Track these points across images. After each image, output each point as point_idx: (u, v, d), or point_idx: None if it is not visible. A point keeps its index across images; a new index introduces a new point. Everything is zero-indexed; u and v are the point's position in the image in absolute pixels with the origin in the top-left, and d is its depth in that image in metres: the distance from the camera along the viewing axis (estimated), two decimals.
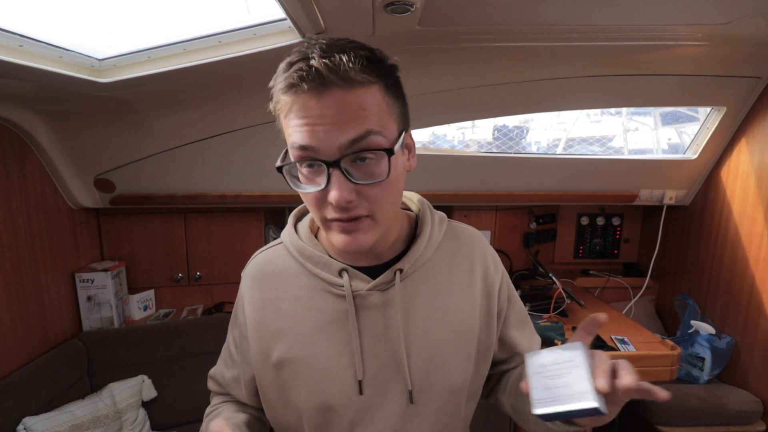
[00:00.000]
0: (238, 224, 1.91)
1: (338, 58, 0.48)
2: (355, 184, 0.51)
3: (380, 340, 0.62)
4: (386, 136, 0.52)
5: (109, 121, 1.43)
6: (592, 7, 1.07)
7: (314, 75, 0.47)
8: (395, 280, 0.62)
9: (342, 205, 0.51)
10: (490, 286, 0.68)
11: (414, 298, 0.63)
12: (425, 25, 1.12)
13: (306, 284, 0.64)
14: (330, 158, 0.50)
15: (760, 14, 1.12)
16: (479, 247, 0.70)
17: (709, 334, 1.71)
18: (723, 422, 1.58)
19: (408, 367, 0.61)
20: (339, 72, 0.48)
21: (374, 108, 0.50)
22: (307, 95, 0.49)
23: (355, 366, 0.61)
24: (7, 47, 0.94)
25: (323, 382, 0.61)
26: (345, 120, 0.49)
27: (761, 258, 1.64)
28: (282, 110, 0.53)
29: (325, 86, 0.48)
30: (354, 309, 0.61)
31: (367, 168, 0.51)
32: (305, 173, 0.54)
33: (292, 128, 0.52)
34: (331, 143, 0.49)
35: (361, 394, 0.61)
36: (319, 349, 0.62)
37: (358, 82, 0.49)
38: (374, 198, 0.53)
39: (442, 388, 0.64)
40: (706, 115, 1.80)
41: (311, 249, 0.65)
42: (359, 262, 0.64)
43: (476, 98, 1.55)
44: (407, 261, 0.63)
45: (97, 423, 1.36)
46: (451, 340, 0.64)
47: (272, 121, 0.57)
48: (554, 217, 2.30)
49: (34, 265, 1.41)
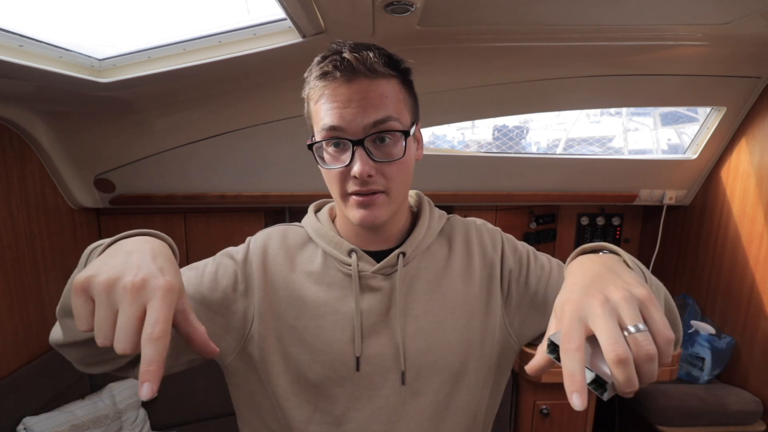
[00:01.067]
0: (238, 224, 1.91)
1: (365, 53, 0.57)
2: (375, 162, 0.59)
3: (381, 321, 0.65)
4: (402, 123, 0.61)
5: (109, 121, 1.43)
6: (592, 7, 1.07)
7: (346, 65, 0.57)
8: (398, 264, 0.66)
9: (363, 178, 0.58)
10: (490, 266, 0.71)
11: (415, 282, 0.68)
12: (425, 25, 1.12)
13: (319, 261, 0.68)
14: (355, 137, 0.58)
15: (760, 14, 1.12)
16: (474, 231, 0.75)
17: (709, 334, 1.71)
18: (723, 422, 1.58)
19: (404, 349, 0.64)
20: (366, 64, 0.57)
21: (393, 97, 0.60)
22: (338, 81, 0.58)
23: (354, 343, 0.64)
24: (7, 47, 0.94)
25: (326, 353, 0.64)
26: (369, 104, 0.57)
27: (761, 258, 1.64)
28: (313, 96, 0.61)
29: (355, 75, 0.57)
30: (359, 288, 0.65)
31: (385, 149, 0.60)
32: (331, 152, 0.61)
33: (323, 111, 0.59)
34: (356, 124, 0.57)
35: (358, 371, 0.64)
36: (324, 322, 0.65)
37: (381, 74, 0.59)
38: (390, 175, 0.60)
39: (440, 369, 0.66)
40: (706, 115, 1.80)
41: (326, 230, 0.70)
42: (369, 246, 0.68)
43: (476, 98, 1.55)
44: (409, 245, 0.68)
45: (97, 423, 1.36)
46: (449, 322, 0.67)
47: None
48: (554, 217, 2.30)
49: (34, 265, 1.41)
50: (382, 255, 0.67)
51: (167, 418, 1.56)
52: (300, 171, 1.68)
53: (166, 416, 1.56)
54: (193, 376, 1.60)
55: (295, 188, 1.75)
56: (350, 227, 0.69)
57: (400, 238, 0.70)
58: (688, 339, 1.78)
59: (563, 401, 1.50)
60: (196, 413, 1.57)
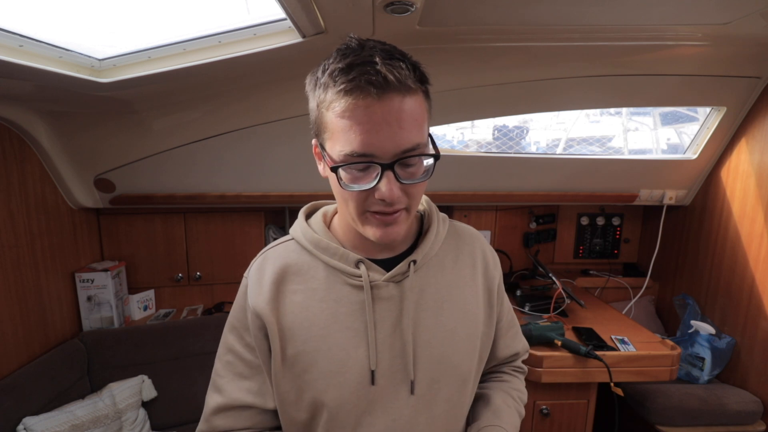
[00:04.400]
0: (238, 224, 1.91)
1: (398, 64, 0.52)
2: (402, 183, 0.56)
3: (394, 331, 0.64)
4: (426, 143, 0.58)
5: (109, 121, 1.43)
6: (592, 7, 1.07)
7: (381, 80, 0.51)
8: (409, 271, 0.65)
9: (393, 201, 0.56)
10: (490, 282, 0.73)
11: (425, 290, 0.66)
12: (425, 25, 1.12)
13: (322, 276, 0.65)
14: (385, 161, 0.54)
15: (760, 14, 1.12)
16: (479, 244, 0.75)
17: (709, 334, 1.71)
18: (723, 422, 1.58)
19: (414, 358, 0.63)
20: (399, 78, 0.52)
21: (421, 116, 0.56)
22: (371, 99, 0.52)
23: (369, 356, 0.62)
24: (7, 47, 0.94)
25: (340, 374, 0.62)
26: (401, 129, 0.53)
27: (761, 258, 1.64)
28: (336, 108, 0.54)
29: (387, 90, 0.52)
30: (371, 299, 0.63)
31: (411, 170, 0.57)
32: (353, 172, 0.56)
33: (349, 131, 0.53)
34: (387, 148, 0.54)
35: (373, 384, 0.63)
36: (335, 340, 0.63)
37: (413, 90, 0.54)
38: (412, 194, 0.59)
39: (452, 378, 0.66)
40: (706, 115, 1.80)
41: (327, 241, 0.66)
42: (374, 254, 0.67)
43: (476, 98, 1.55)
44: (420, 252, 0.67)
45: (97, 423, 1.36)
46: (460, 331, 0.67)
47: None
48: (554, 217, 2.30)
49: (34, 265, 1.41)
50: (388, 262, 0.66)
51: (167, 418, 1.56)
52: (300, 171, 1.68)
53: (166, 416, 1.56)
54: (193, 376, 1.60)
55: (295, 188, 1.75)
56: (353, 236, 0.67)
57: (407, 243, 0.70)
58: (688, 339, 1.78)
59: (563, 401, 1.50)
60: (196, 413, 1.55)
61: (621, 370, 1.40)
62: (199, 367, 1.62)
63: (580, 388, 1.49)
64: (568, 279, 2.18)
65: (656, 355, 1.43)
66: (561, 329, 1.47)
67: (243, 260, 1.89)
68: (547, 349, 1.43)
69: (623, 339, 1.50)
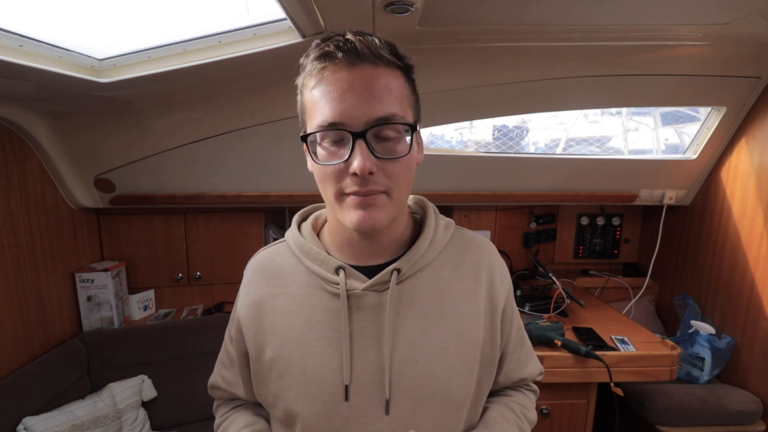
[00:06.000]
0: (238, 224, 1.91)
1: (370, 38, 0.53)
2: (377, 158, 0.53)
3: (373, 344, 0.59)
4: (404, 117, 0.55)
5: (109, 121, 1.43)
6: (591, 7, 1.07)
7: (349, 47, 0.51)
8: (391, 281, 0.59)
9: (364, 175, 0.52)
10: (495, 299, 0.65)
11: (413, 302, 0.61)
12: (425, 25, 1.12)
13: (302, 281, 0.63)
14: (356, 130, 0.52)
15: (760, 14, 1.12)
16: (486, 256, 0.67)
17: (709, 334, 1.71)
18: (723, 422, 1.58)
19: (395, 376, 0.58)
20: (371, 48, 0.52)
21: (398, 91, 0.54)
22: (339, 64, 0.52)
23: (343, 369, 0.58)
24: (7, 47, 0.94)
25: (313, 384, 0.59)
26: (373, 96, 0.52)
27: (761, 258, 1.64)
28: (309, 83, 0.55)
29: (358, 59, 0.52)
30: (347, 309, 0.59)
31: (388, 145, 0.54)
32: (326, 147, 0.55)
33: (319, 99, 0.53)
34: (358, 115, 0.52)
35: (347, 400, 0.58)
36: (310, 350, 0.59)
37: (387, 62, 0.53)
38: (393, 174, 0.55)
39: (441, 403, 0.59)
40: (706, 115, 1.80)
41: (310, 245, 0.64)
42: (362, 261, 0.63)
43: (476, 98, 1.55)
44: (406, 261, 0.61)
45: (97, 423, 1.36)
46: (452, 350, 0.60)
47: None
48: (554, 217, 2.30)
49: (34, 265, 1.41)
50: (376, 270, 0.61)
51: (167, 418, 1.56)
52: (300, 171, 1.68)
53: (166, 416, 1.56)
54: (193, 376, 1.60)
55: (295, 188, 1.75)
56: (340, 239, 0.63)
57: (397, 251, 0.63)
58: (688, 339, 1.78)
59: (563, 401, 1.50)
60: (196, 413, 1.57)
61: (621, 370, 1.40)
62: (199, 367, 1.62)
63: (580, 388, 1.49)
64: (568, 279, 2.18)
65: (656, 355, 1.43)
66: (561, 329, 1.47)
67: (243, 260, 1.88)
68: (547, 349, 1.43)
69: (623, 339, 1.50)
